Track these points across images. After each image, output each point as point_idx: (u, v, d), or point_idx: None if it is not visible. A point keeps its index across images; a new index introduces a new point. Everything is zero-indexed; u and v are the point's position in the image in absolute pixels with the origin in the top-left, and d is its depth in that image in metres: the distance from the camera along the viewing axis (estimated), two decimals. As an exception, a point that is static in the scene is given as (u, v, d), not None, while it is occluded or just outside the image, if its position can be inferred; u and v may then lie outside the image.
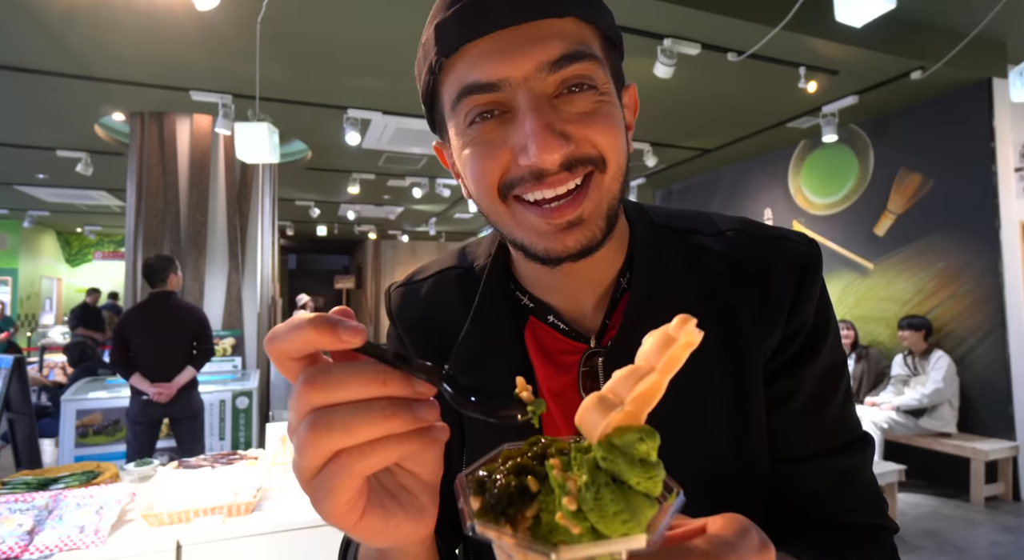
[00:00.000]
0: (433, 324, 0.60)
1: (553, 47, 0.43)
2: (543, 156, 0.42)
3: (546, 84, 0.44)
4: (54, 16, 3.04)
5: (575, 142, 0.44)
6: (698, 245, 0.55)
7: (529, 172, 0.44)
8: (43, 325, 10.29)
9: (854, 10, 2.41)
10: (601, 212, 0.47)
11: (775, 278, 0.53)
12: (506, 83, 0.44)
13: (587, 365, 0.53)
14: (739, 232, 0.56)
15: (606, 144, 0.45)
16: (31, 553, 1.48)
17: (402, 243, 12.45)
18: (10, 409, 2.64)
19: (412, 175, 6.66)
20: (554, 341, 0.55)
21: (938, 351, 4.08)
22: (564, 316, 0.55)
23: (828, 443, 0.53)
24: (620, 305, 0.54)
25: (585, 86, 0.45)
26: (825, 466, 0.52)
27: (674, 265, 0.54)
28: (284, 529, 1.77)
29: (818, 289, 0.53)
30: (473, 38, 0.44)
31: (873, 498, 0.54)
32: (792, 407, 0.53)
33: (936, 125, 4.28)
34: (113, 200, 7.76)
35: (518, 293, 0.57)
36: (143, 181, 4.19)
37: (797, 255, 0.54)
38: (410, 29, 3.26)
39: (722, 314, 0.52)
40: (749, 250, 0.55)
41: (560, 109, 0.45)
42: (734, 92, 4.22)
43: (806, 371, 0.53)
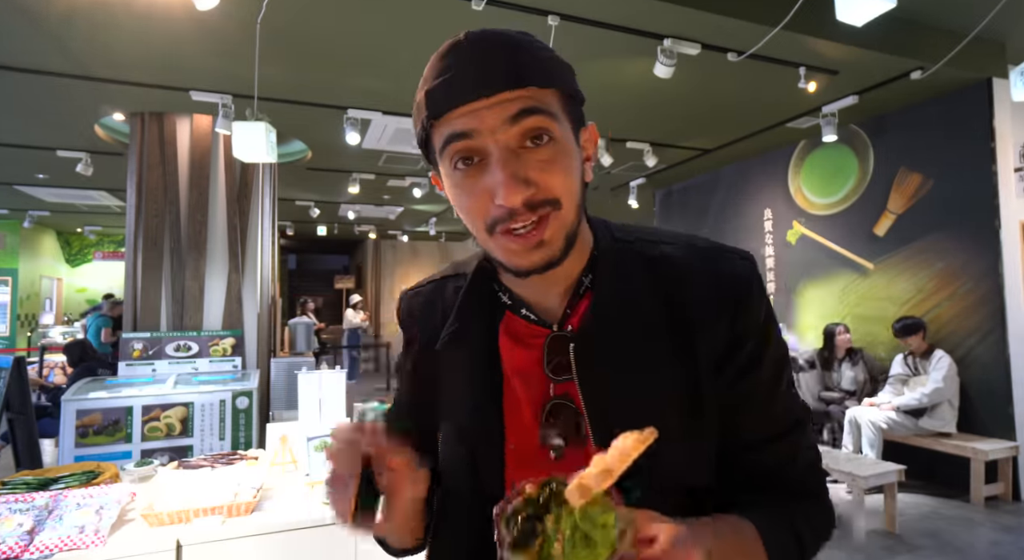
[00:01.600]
0: (430, 319, 0.75)
1: (513, 106, 0.56)
2: (509, 199, 0.55)
3: (509, 135, 0.56)
4: (54, 16, 3.04)
5: (535, 186, 0.56)
6: (653, 253, 0.67)
7: (504, 211, 0.56)
8: (43, 325, 10.28)
9: (854, 10, 2.41)
10: (559, 237, 0.59)
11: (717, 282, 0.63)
12: (476, 132, 0.56)
13: (551, 346, 0.65)
14: (687, 244, 0.68)
15: (561, 188, 0.58)
16: (31, 553, 1.48)
17: (402, 243, 12.45)
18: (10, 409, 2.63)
19: (412, 175, 6.66)
20: (524, 328, 0.68)
21: (939, 351, 4.08)
22: (534, 308, 0.67)
23: (780, 427, 0.64)
24: (583, 299, 0.65)
25: (544, 138, 0.57)
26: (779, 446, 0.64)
27: (632, 268, 0.65)
28: (284, 529, 1.77)
29: (758, 296, 0.63)
30: (453, 108, 0.57)
31: (812, 461, 0.67)
32: (752, 402, 0.64)
33: (936, 125, 4.28)
34: (113, 200, 7.76)
35: (500, 293, 0.70)
36: (143, 181, 4.18)
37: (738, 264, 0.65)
38: (410, 29, 3.26)
39: (673, 312, 0.63)
40: (697, 259, 0.66)
41: (524, 158, 0.56)
42: (734, 92, 4.22)
43: (760, 370, 0.63)
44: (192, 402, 3.50)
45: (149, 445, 3.38)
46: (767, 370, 0.64)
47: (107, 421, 3.39)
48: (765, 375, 0.64)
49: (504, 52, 0.57)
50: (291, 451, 2.21)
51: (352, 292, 12.25)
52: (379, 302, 12.50)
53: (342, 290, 13.17)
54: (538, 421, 0.64)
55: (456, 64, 0.57)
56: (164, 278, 4.16)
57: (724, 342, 0.62)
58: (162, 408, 3.44)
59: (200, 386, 3.62)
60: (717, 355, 0.62)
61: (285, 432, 2.24)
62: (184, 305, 4.17)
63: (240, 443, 3.57)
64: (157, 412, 3.42)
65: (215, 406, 3.57)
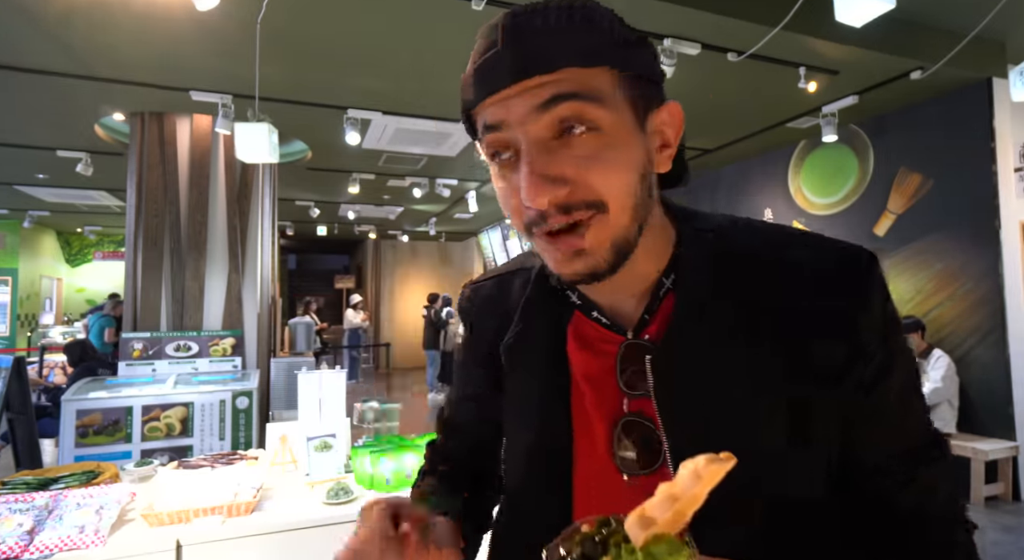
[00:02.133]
0: (493, 315, 0.69)
1: (544, 92, 0.48)
2: (532, 200, 0.48)
3: (539, 126, 0.49)
4: (54, 16, 3.04)
5: (572, 185, 0.48)
6: (749, 249, 0.57)
7: (536, 213, 0.50)
8: (43, 325, 10.28)
9: (854, 10, 2.41)
10: (605, 245, 0.50)
11: (827, 283, 0.53)
12: (505, 124, 0.50)
13: (625, 356, 0.57)
14: (793, 238, 0.58)
15: (605, 188, 0.49)
16: (31, 553, 1.48)
17: (402, 243, 12.45)
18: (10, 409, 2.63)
19: (412, 175, 6.66)
20: (595, 332, 0.60)
21: (937, 351, 4.08)
22: (606, 311, 0.60)
23: (914, 441, 0.56)
24: (662, 302, 0.57)
25: (579, 128, 0.48)
26: (916, 468, 0.55)
27: (723, 268, 0.56)
28: (284, 529, 1.77)
29: (880, 300, 0.54)
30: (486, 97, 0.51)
31: (957, 498, 0.57)
32: (882, 422, 0.54)
33: (936, 125, 4.27)
34: (113, 200, 7.76)
35: (569, 292, 0.63)
36: (143, 181, 4.18)
37: (854, 261, 0.54)
38: (410, 29, 3.26)
39: (773, 320, 0.53)
40: (805, 256, 0.55)
41: (558, 153, 0.49)
42: (734, 92, 4.22)
43: (888, 386, 0.53)
44: (192, 402, 3.50)
45: (149, 445, 3.38)
46: (897, 381, 0.54)
47: (107, 421, 3.39)
48: (895, 387, 0.54)
49: (541, 31, 0.49)
50: (291, 451, 2.21)
51: (352, 292, 12.25)
52: (379, 302, 12.50)
53: (342, 290, 13.17)
54: (609, 437, 0.57)
55: (490, 47, 0.50)
56: (164, 278, 4.16)
57: (842, 353, 0.52)
58: (162, 408, 3.44)
59: (200, 386, 3.63)
60: (833, 369, 0.52)
61: (285, 432, 2.24)
62: (184, 305, 4.17)
63: (240, 443, 3.57)
64: (157, 412, 3.42)
65: (215, 406, 3.57)
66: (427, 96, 4.22)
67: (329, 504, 1.88)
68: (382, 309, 12.45)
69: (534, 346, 0.62)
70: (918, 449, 0.55)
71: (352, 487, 1.97)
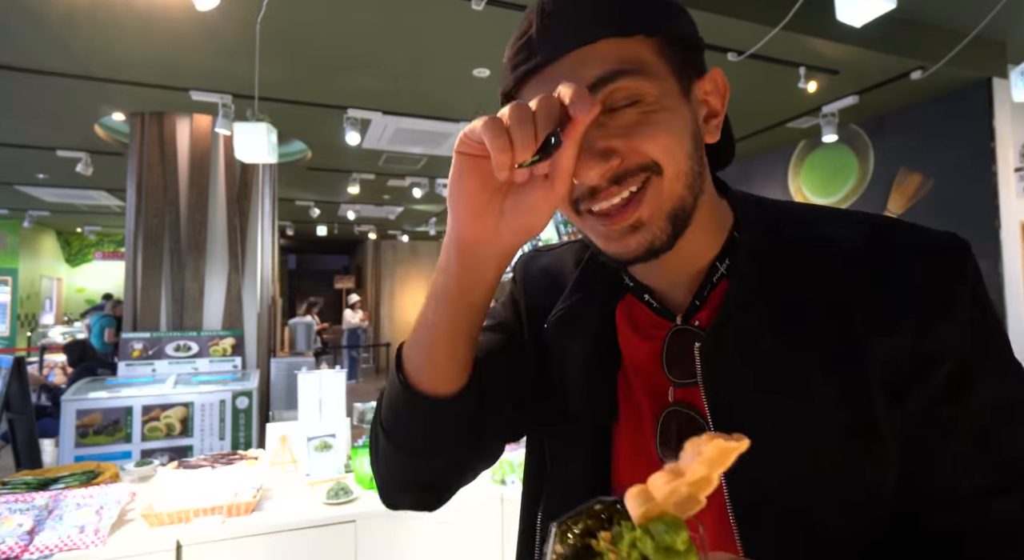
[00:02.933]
0: (545, 286, 0.65)
1: (588, 73, 0.46)
2: (583, 175, 0.46)
3: None
4: (54, 16, 3.04)
5: (621, 156, 0.47)
6: (816, 237, 0.53)
7: (586, 188, 0.48)
8: (43, 325, 10.28)
9: (854, 10, 2.41)
10: (662, 214, 0.48)
11: (901, 276, 0.48)
12: None
13: (672, 342, 0.55)
14: (868, 225, 0.52)
15: (656, 150, 0.47)
16: (31, 553, 1.48)
17: (402, 243, 12.45)
18: (10, 409, 2.63)
19: (412, 175, 6.66)
20: (645, 316, 0.58)
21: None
22: (658, 295, 0.58)
23: (999, 483, 0.46)
24: (716, 288, 0.55)
25: (629, 101, 0.47)
26: (995, 509, 0.45)
27: (783, 256, 0.52)
28: (284, 529, 1.77)
29: (965, 300, 0.47)
30: (525, 78, 0.49)
31: None
32: (953, 441, 0.47)
33: (936, 125, 4.27)
34: (113, 200, 7.76)
35: (623, 273, 0.60)
36: (143, 181, 4.19)
37: (935, 253, 0.48)
38: (410, 29, 3.26)
39: (836, 313, 0.49)
40: (878, 244, 0.50)
41: (606, 125, 0.47)
42: (734, 92, 4.19)
43: (963, 404, 0.46)
44: (192, 402, 3.50)
45: (149, 445, 3.38)
46: (979, 401, 0.46)
47: (107, 421, 3.39)
48: (975, 407, 0.46)
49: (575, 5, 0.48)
50: (291, 451, 2.21)
51: (352, 292, 12.26)
52: (379, 302, 12.50)
53: (342, 290, 13.17)
54: (654, 424, 0.54)
55: (527, 30, 0.49)
56: (164, 278, 4.16)
57: (908, 359, 0.47)
58: (162, 408, 3.44)
59: (200, 386, 3.63)
60: (891, 376, 0.47)
61: (285, 432, 2.24)
62: (184, 305, 4.17)
63: (240, 443, 3.57)
64: (157, 412, 3.43)
65: (215, 406, 3.57)
66: (427, 96, 4.22)
67: (329, 504, 1.88)
68: (382, 309, 12.46)
69: (583, 325, 0.59)
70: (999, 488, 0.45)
71: (352, 487, 1.97)
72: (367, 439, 2.23)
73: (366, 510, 1.88)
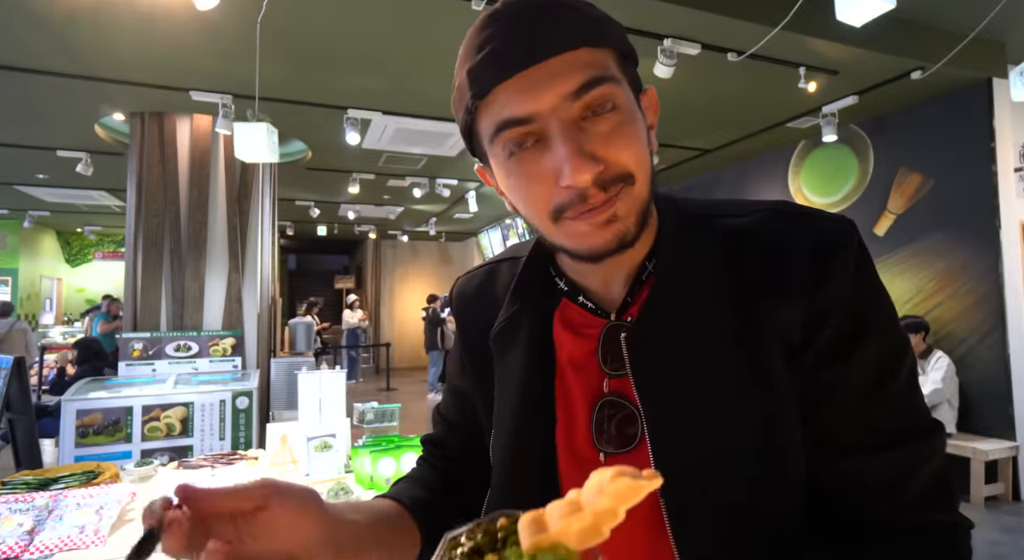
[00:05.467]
0: (482, 305, 0.68)
1: (573, 78, 0.48)
2: (576, 177, 0.47)
3: (572, 111, 0.49)
4: (55, 16, 3.04)
5: (604, 163, 0.49)
6: (725, 228, 0.57)
7: (575, 194, 0.49)
8: (43, 325, 10.28)
9: (854, 10, 2.41)
10: (633, 214, 0.51)
11: (793, 249, 0.53)
12: (537, 116, 0.49)
13: (607, 337, 0.58)
14: (769, 210, 0.57)
15: (632, 161, 0.50)
16: (31, 553, 1.48)
17: (402, 243, 12.45)
18: (10, 409, 2.63)
19: (412, 175, 6.66)
20: (580, 317, 0.61)
21: (937, 351, 4.08)
22: (593, 296, 0.60)
23: (885, 435, 0.50)
24: (644, 285, 0.58)
25: (608, 107, 0.49)
26: (882, 459, 0.50)
27: (699, 249, 0.56)
28: (284, 529, 1.76)
29: (850, 266, 0.51)
30: (502, 80, 0.49)
31: (938, 493, 0.50)
32: (843, 398, 0.51)
33: (936, 125, 4.27)
34: (113, 200, 7.76)
35: (556, 279, 0.63)
36: (143, 181, 4.19)
37: (823, 229, 0.53)
38: (410, 29, 3.26)
39: (742, 294, 0.53)
40: (773, 226, 0.55)
41: (587, 131, 0.49)
42: (734, 92, 4.22)
43: (853, 359, 0.50)
44: (192, 402, 3.50)
45: (149, 445, 3.38)
46: (862, 363, 0.50)
47: (107, 421, 3.39)
48: (858, 368, 0.51)
49: (551, 10, 0.49)
50: (291, 451, 2.21)
51: (352, 292, 12.26)
52: (379, 302, 12.50)
53: (342, 290, 13.17)
54: (589, 418, 0.57)
55: (498, 33, 0.49)
56: (164, 278, 4.16)
57: (799, 322, 0.51)
58: (162, 408, 3.44)
59: (200, 386, 3.63)
60: (790, 339, 0.51)
61: (285, 432, 2.24)
62: (184, 305, 4.17)
63: (240, 443, 3.57)
64: (157, 412, 3.42)
65: (215, 406, 3.57)
66: (427, 96, 4.22)
67: (329, 504, 1.88)
68: (382, 309, 12.46)
69: (520, 333, 0.62)
70: (900, 428, 0.51)
71: (352, 487, 1.97)
72: (367, 439, 2.24)
73: (366, 510, 1.88)
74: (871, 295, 0.52)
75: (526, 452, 0.59)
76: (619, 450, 0.56)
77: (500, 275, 0.69)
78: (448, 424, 0.76)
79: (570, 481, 0.58)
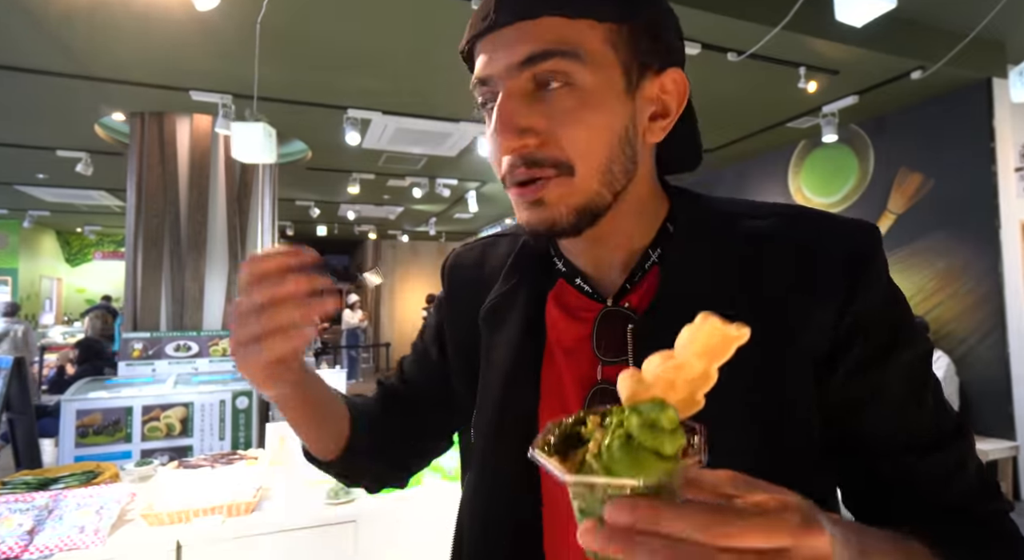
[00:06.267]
0: (477, 279, 0.67)
1: (520, 49, 0.48)
2: (502, 146, 0.48)
3: (520, 81, 0.48)
4: (54, 17, 3.04)
5: (540, 137, 0.48)
6: (745, 229, 0.55)
7: (508, 164, 0.50)
8: (43, 325, 10.28)
9: (854, 10, 2.41)
10: (566, 205, 0.50)
11: (824, 256, 0.51)
12: (491, 79, 0.50)
13: (602, 323, 0.56)
14: (788, 216, 0.55)
15: (573, 147, 0.48)
16: (31, 553, 1.48)
17: (402, 243, 12.44)
18: (10, 409, 2.63)
19: (412, 175, 6.66)
20: (576, 299, 0.59)
21: (937, 351, 4.08)
22: (590, 280, 0.59)
23: (930, 437, 0.50)
24: (647, 275, 0.56)
25: (556, 84, 0.48)
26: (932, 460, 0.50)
27: (712, 246, 0.55)
28: (284, 529, 1.77)
29: (880, 276, 0.51)
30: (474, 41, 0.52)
31: (981, 485, 0.51)
32: (883, 404, 0.50)
33: (936, 125, 4.27)
34: (113, 200, 7.76)
35: (555, 258, 0.62)
36: (143, 181, 4.18)
37: (853, 237, 0.52)
38: (410, 29, 3.26)
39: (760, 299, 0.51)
40: (801, 231, 0.53)
41: (534, 105, 0.48)
42: (734, 92, 4.22)
43: (888, 371, 0.50)
44: (192, 402, 3.50)
45: (149, 445, 3.38)
46: (894, 377, 0.50)
47: (107, 421, 3.39)
48: (890, 382, 0.50)
49: None
50: (291, 451, 2.21)
51: (352, 292, 12.25)
52: (379, 302, 12.50)
53: (341, 290, 13.15)
54: (580, 404, 0.56)
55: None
56: (164, 278, 4.16)
57: (829, 327, 0.50)
58: (162, 408, 3.44)
59: (200, 386, 3.63)
60: (818, 344, 0.50)
61: (285, 432, 2.24)
62: (184, 305, 4.17)
63: (240, 443, 3.57)
64: (157, 412, 3.42)
65: (215, 406, 3.57)
66: (427, 96, 4.21)
67: (329, 504, 1.88)
68: (382, 309, 12.45)
69: (512, 312, 0.61)
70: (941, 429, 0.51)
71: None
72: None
73: (366, 510, 1.89)
74: (899, 304, 0.52)
75: (510, 428, 0.58)
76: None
77: (498, 249, 0.68)
78: (404, 376, 0.75)
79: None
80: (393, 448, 0.71)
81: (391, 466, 0.73)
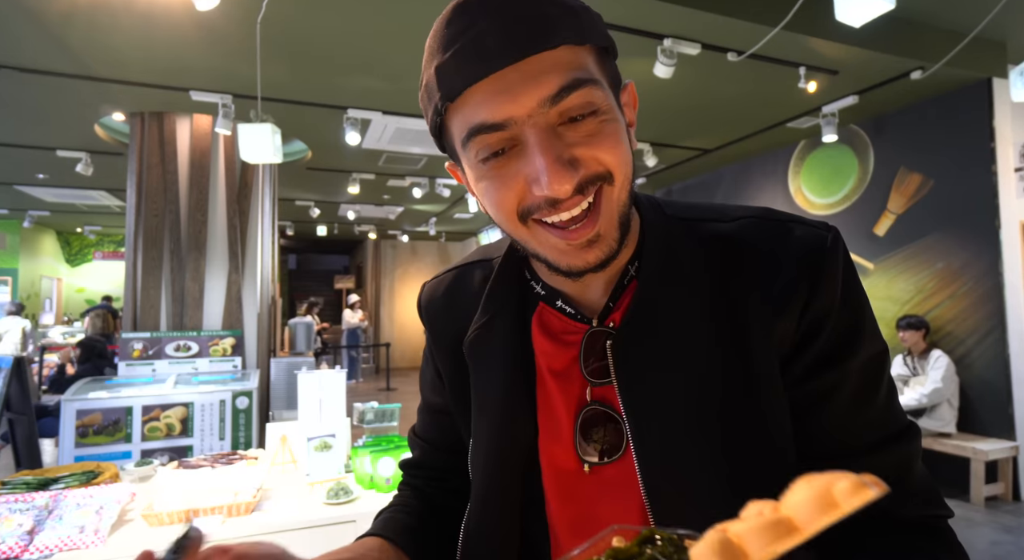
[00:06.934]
0: (453, 311, 0.65)
1: (551, 82, 0.45)
2: (556, 188, 0.45)
3: (549, 116, 0.46)
4: (54, 16, 3.04)
5: (583, 165, 0.47)
6: (710, 233, 0.55)
7: (544, 200, 0.47)
8: (43, 325, 10.28)
9: (854, 10, 2.41)
10: (614, 224, 0.50)
11: (784, 261, 0.52)
12: (511, 122, 0.46)
13: (589, 344, 0.56)
14: (754, 218, 0.56)
15: (611, 160, 0.48)
16: (31, 553, 1.48)
17: (402, 243, 12.45)
18: (10, 409, 2.63)
19: (412, 175, 6.66)
20: (560, 322, 0.58)
21: (937, 351, 4.08)
22: (572, 301, 0.58)
23: (878, 436, 0.51)
24: (627, 290, 0.56)
25: (587, 112, 0.47)
26: (877, 459, 0.50)
27: (683, 253, 0.55)
28: (284, 529, 1.77)
29: (838, 275, 0.51)
30: (474, 82, 0.45)
31: (927, 487, 0.52)
32: (836, 404, 0.51)
33: (936, 125, 4.27)
34: (113, 200, 7.76)
35: (532, 282, 0.61)
36: (143, 181, 4.19)
37: (810, 236, 0.52)
38: (410, 29, 3.26)
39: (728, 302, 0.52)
40: (761, 234, 0.54)
41: (565, 136, 0.47)
42: (734, 92, 4.22)
43: (845, 367, 0.51)
44: (192, 402, 3.50)
45: (149, 445, 3.38)
46: (854, 368, 0.51)
47: (107, 421, 3.39)
48: (850, 374, 0.51)
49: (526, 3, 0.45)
50: (291, 451, 2.21)
51: (352, 292, 12.26)
52: (379, 302, 12.50)
53: (342, 290, 13.17)
54: (572, 428, 0.56)
55: (469, 27, 0.45)
56: (164, 278, 4.16)
57: (790, 335, 0.51)
58: (162, 408, 3.44)
59: (200, 386, 3.63)
60: (782, 345, 0.51)
61: (285, 432, 2.24)
62: (184, 305, 4.17)
63: (240, 443, 3.57)
64: (157, 412, 3.42)
65: (215, 406, 3.57)
66: (427, 96, 4.21)
67: (329, 504, 1.88)
68: (382, 309, 12.45)
69: (497, 341, 0.59)
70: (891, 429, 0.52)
71: (352, 487, 1.97)
72: (367, 439, 2.24)
73: (366, 510, 1.88)
74: (859, 302, 0.52)
75: (508, 463, 0.57)
76: (604, 459, 0.54)
77: (471, 279, 0.66)
78: (426, 443, 0.74)
79: (554, 491, 0.57)
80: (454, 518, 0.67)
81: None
